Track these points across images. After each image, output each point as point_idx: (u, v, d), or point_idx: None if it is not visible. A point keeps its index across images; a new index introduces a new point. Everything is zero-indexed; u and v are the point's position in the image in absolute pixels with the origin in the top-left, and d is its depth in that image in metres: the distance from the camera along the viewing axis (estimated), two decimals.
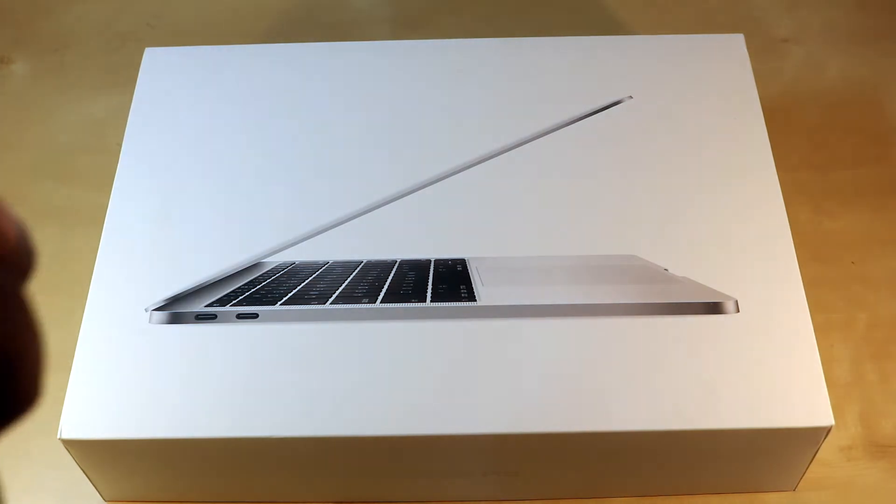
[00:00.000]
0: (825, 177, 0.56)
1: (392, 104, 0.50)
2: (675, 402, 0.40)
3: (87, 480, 0.44)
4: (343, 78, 0.51)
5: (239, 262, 0.44)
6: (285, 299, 0.42)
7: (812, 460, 0.42)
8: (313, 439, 0.40)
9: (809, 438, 0.41)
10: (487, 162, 0.47)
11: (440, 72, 0.51)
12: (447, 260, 0.44)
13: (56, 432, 0.40)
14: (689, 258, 0.44)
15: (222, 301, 0.43)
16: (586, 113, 0.49)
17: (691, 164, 0.47)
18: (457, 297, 0.42)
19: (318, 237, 0.45)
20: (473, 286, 0.43)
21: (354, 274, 0.44)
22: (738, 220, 0.45)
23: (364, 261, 0.45)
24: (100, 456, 0.41)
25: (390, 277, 0.44)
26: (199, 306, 0.42)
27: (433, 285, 0.43)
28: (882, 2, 0.64)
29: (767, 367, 0.41)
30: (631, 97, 0.49)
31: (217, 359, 0.41)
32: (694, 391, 0.40)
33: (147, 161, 0.48)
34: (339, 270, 0.44)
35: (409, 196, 0.46)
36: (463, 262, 0.44)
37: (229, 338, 0.42)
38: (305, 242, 0.45)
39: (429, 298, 0.42)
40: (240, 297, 0.43)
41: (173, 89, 0.50)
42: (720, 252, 0.44)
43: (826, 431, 0.40)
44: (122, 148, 0.48)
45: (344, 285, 0.43)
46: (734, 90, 0.49)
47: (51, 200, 0.56)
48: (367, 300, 0.42)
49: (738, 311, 0.42)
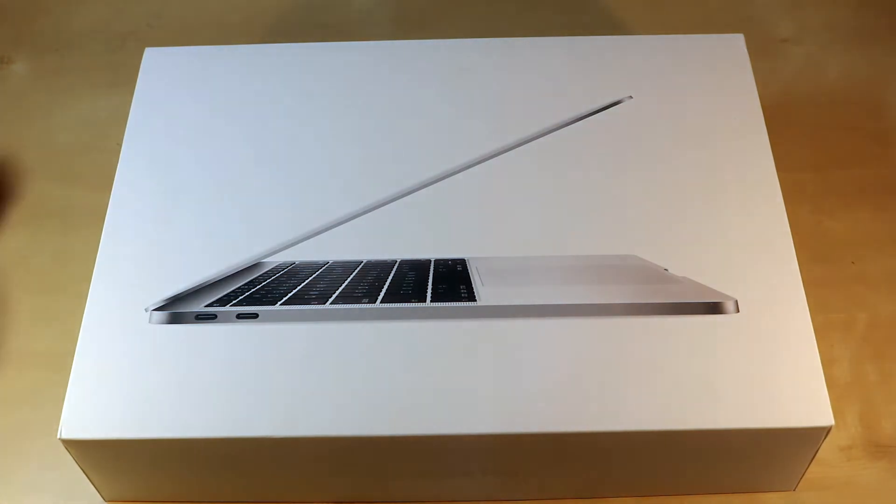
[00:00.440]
0: (825, 177, 0.56)
1: (392, 104, 0.50)
2: (675, 402, 0.40)
3: (87, 480, 0.44)
4: (343, 78, 0.51)
5: (239, 262, 0.44)
6: (285, 299, 0.42)
7: (812, 460, 0.42)
8: (313, 439, 0.40)
9: (809, 438, 0.41)
10: (487, 162, 0.47)
11: (440, 72, 0.51)
12: (447, 260, 0.44)
13: (56, 432, 0.40)
14: (689, 258, 0.44)
15: (222, 301, 0.43)
16: (586, 113, 0.49)
17: (691, 164, 0.47)
18: (457, 297, 0.42)
19: (318, 237, 0.45)
20: (473, 286, 0.43)
21: (354, 274, 0.44)
22: (738, 220, 0.45)
23: (364, 261, 0.44)
24: (100, 456, 0.41)
25: (390, 277, 0.44)
26: (199, 306, 0.42)
27: (433, 285, 0.43)
28: (882, 2, 0.64)
29: (767, 367, 0.41)
30: (631, 97, 0.49)
31: (217, 359, 0.41)
32: (694, 391, 0.40)
33: (147, 161, 0.48)
34: (339, 270, 0.44)
35: (409, 196, 0.46)
36: (463, 262, 0.44)
37: (229, 338, 0.42)
38: (305, 242, 0.45)
39: (429, 298, 0.42)
40: (240, 297, 0.43)
41: (173, 89, 0.50)
42: (720, 252, 0.44)
43: (826, 431, 0.40)
44: (122, 148, 0.48)
45: (344, 285, 0.43)
46: (734, 90, 0.49)
47: (51, 200, 0.56)
48: (367, 300, 0.42)
49: (738, 311, 0.42)
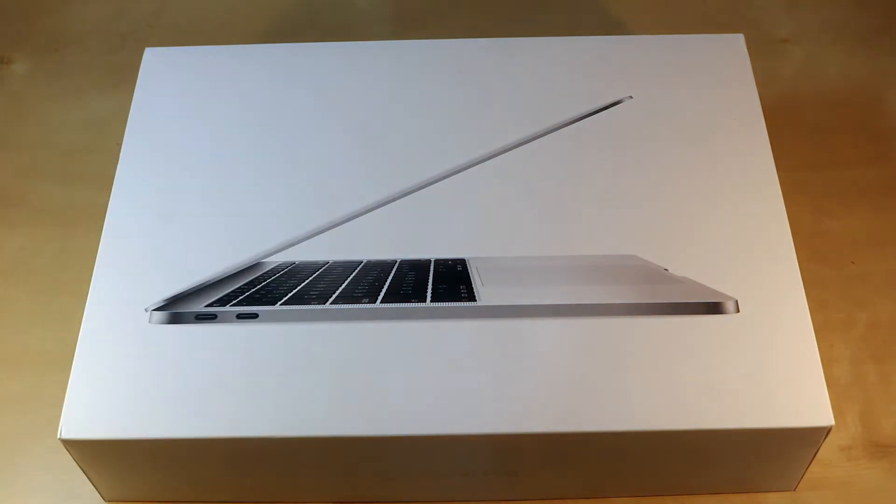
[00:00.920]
0: (825, 177, 0.56)
1: (392, 104, 0.50)
2: (675, 402, 0.40)
3: (87, 480, 0.44)
4: (343, 78, 0.51)
5: (239, 262, 0.44)
6: (285, 299, 0.42)
7: (812, 460, 0.42)
8: (313, 439, 0.40)
9: (809, 438, 0.41)
10: (487, 162, 0.47)
11: (440, 72, 0.51)
12: (447, 260, 0.44)
13: (56, 432, 0.40)
14: (689, 258, 0.44)
15: (222, 301, 0.43)
16: (586, 113, 0.49)
17: (691, 164, 0.47)
18: (457, 297, 0.42)
19: (318, 237, 0.45)
20: (473, 286, 0.43)
21: (354, 274, 0.44)
22: (738, 220, 0.45)
23: (364, 261, 0.44)
24: (100, 456, 0.41)
25: (390, 277, 0.44)
26: (199, 306, 0.42)
27: (433, 285, 0.43)
28: (882, 2, 0.64)
29: (767, 367, 0.41)
30: (631, 97, 0.49)
31: (217, 359, 0.41)
32: (694, 391, 0.40)
33: (147, 161, 0.48)
34: (339, 270, 0.44)
35: (409, 196, 0.46)
36: (463, 262, 0.44)
37: (229, 338, 0.42)
38: (305, 242, 0.45)
39: (429, 298, 0.42)
40: (240, 297, 0.43)
41: (173, 89, 0.50)
42: (720, 252, 0.44)
43: (826, 431, 0.40)
44: (122, 148, 0.48)
45: (344, 285, 0.43)
46: (734, 90, 0.49)
47: (51, 200, 0.56)
48: (367, 300, 0.42)
49: (738, 311, 0.42)
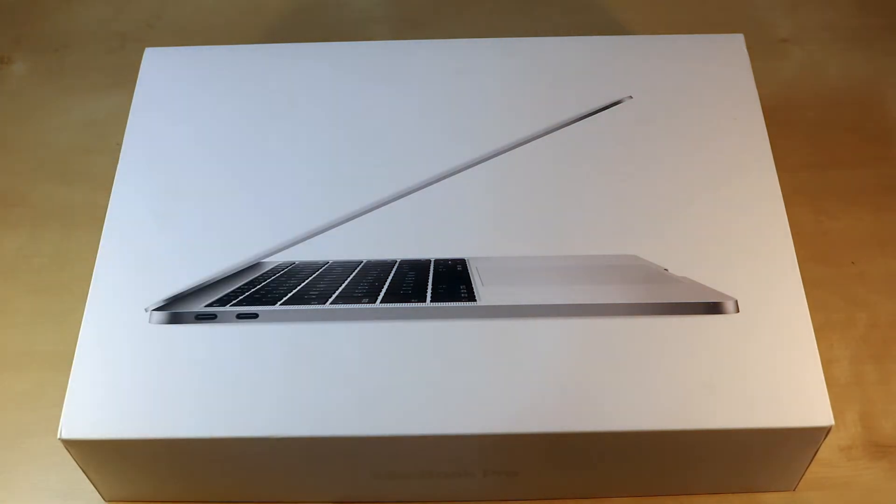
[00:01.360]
0: (825, 177, 0.56)
1: (392, 104, 0.50)
2: (675, 402, 0.40)
3: (87, 480, 0.44)
4: (343, 78, 0.51)
5: (239, 262, 0.44)
6: (285, 299, 0.42)
7: (812, 460, 0.42)
8: (313, 439, 0.40)
9: (809, 438, 0.41)
10: (487, 162, 0.47)
11: (440, 72, 0.51)
12: (447, 260, 0.44)
13: (56, 432, 0.40)
14: (689, 258, 0.44)
15: (222, 301, 0.43)
16: (586, 113, 0.49)
17: (691, 164, 0.47)
18: (457, 297, 0.42)
19: (318, 237, 0.45)
20: (473, 286, 0.43)
21: (354, 274, 0.44)
22: (738, 221, 0.45)
23: (364, 261, 0.44)
24: (100, 456, 0.41)
25: (390, 277, 0.44)
26: (199, 306, 0.42)
27: (433, 285, 0.43)
28: (882, 2, 0.64)
29: (767, 367, 0.41)
30: (631, 97, 0.49)
31: (217, 359, 0.41)
32: (694, 391, 0.40)
33: (147, 161, 0.48)
34: (339, 270, 0.44)
35: (409, 196, 0.46)
36: (463, 262, 0.44)
37: (229, 338, 0.42)
38: (305, 242, 0.45)
39: (429, 298, 0.42)
40: (240, 297, 0.43)
41: (173, 89, 0.50)
42: (720, 252, 0.44)
43: (826, 431, 0.40)
44: (122, 148, 0.48)
45: (344, 285, 0.43)
46: (734, 90, 0.49)
47: (51, 200, 0.56)
48: (367, 300, 0.42)
49: (738, 311, 0.42)
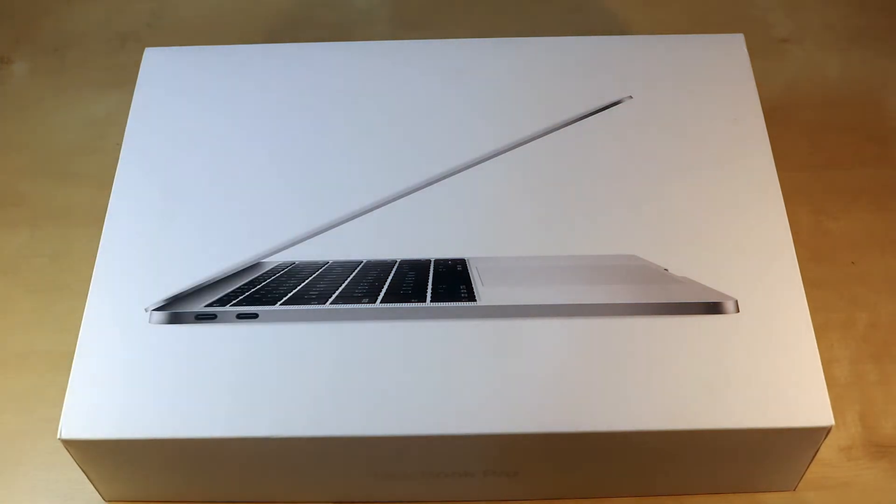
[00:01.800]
0: (825, 177, 0.56)
1: (392, 104, 0.50)
2: (675, 402, 0.40)
3: (87, 480, 0.44)
4: (343, 78, 0.51)
5: (239, 262, 0.44)
6: (285, 299, 0.42)
7: (812, 460, 0.42)
8: (313, 439, 0.40)
9: (809, 438, 0.41)
10: (487, 162, 0.47)
11: (440, 72, 0.51)
12: (447, 260, 0.44)
13: (56, 432, 0.40)
14: (689, 258, 0.44)
15: (222, 301, 0.43)
16: (586, 113, 0.49)
17: (691, 165, 0.47)
18: (457, 297, 0.42)
19: (318, 237, 0.45)
20: (473, 286, 0.43)
21: (354, 274, 0.44)
22: (738, 221, 0.45)
23: (364, 261, 0.44)
24: (100, 456, 0.41)
25: (390, 277, 0.44)
26: (199, 306, 0.42)
27: (433, 285, 0.43)
28: (882, 2, 0.64)
29: (767, 367, 0.41)
30: (631, 97, 0.49)
31: (217, 359, 0.41)
32: (694, 391, 0.40)
33: (147, 161, 0.48)
34: (339, 270, 0.44)
35: (409, 196, 0.46)
36: (463, 262, 0.44)
37: (229, 338, 0.42)
38: (305, 242, 0.45)
39: (429, 298, 0.42)
40: (240, 297, 0.43)
41: (173, 89, 0.50)
42: (720, 252, 0.44)
43: (826, 431, 0.40)
44: (122, 148, 0.48)
45: (344, 285, 0.43)
46: (734, 90, 0.49)
47: (51, 200, 0.56)
48: (367, 300, 0.42)
49: (738, 311, 0.42)
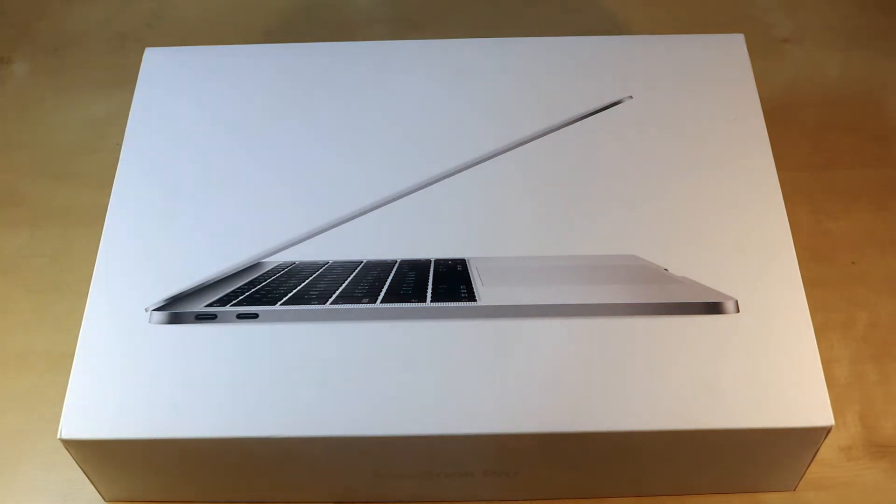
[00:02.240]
0: (825, 177, 0.56)
1: (392, 104, 0.50)
2: (675, 402, 0.40)
3: (87, 480, 0.44)
4: (343, 78, 0.51)
5: (239, 262, 0.44)
6: (285, 299, 0.42)
7: (812, 460, 0.42)
8: (313, 439, 0.40)
9: (809, 438, 0.41)
10: (487, 162, 0.47)
11: (440, 72, 0.51)
12: (447, 260, 0.44)
13: (56, 432, 0.40)
14: (689, 258, 0.44)
15: (222, 301, 0.43)
16: (586, 113, 0.49)
17: (691, 165, 0.47)
18: (457, 297, 0.42)
19: (318, 237, 0.45)
20: (473, 286, 0.43)
21: (354, 274, 0.44)
22: (738, 221, 0.45)
23: (364, 261, 0.44)
24: (100, 456, 0.41)
25: (390, 277, 0.44)
26: (199, 306, 0.42)
27: (433, 285, 0.43)
28: (882, 2, 0.64)
29: (767, 367, 0.41)
30: (631, 97, 0.49)
31: (217, 359, 0.41)
32: (694, 391, 0.40)
33: (147, 161, 0.48)
34: (339, 270, 0.44)
35: (409, 196, 0.46)
36: (463, 262, 0.44)
37: (229, 338, 0.42)
38: (305, 242, 0.45)
39: (429, 298, 0.42)
40: (240, 297, 0.43)
41: (173, 89, 0.50)
42: (720, 252, 0.44)
43: (826, 431, 0.40)
44: (122, 148, 0.48)
45: (344, 285, 0.43)
46: (734, 90, 0.49)
47: (51, 200, 0.56)
48: (367, 300, 0.42)
49: (738, 311, 0.42)
